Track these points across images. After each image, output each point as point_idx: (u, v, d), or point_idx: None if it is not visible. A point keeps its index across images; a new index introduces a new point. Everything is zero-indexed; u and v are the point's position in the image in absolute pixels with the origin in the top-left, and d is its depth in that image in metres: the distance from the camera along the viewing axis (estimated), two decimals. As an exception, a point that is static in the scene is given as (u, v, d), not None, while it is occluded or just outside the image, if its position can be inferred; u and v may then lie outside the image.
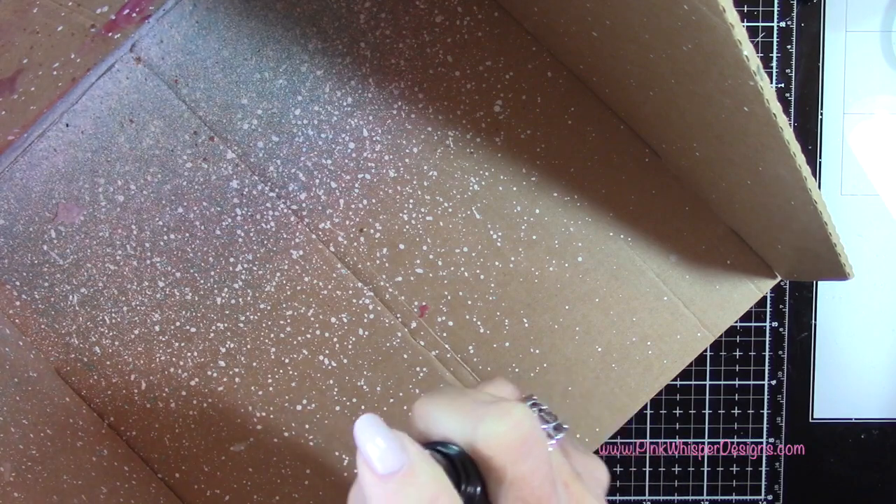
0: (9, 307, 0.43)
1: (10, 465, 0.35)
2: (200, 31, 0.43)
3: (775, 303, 0.54)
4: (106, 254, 0.43)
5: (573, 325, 0.44)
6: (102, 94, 0.43)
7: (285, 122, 0.43)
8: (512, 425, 0.22)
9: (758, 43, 0.53)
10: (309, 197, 0.44)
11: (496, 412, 0.22)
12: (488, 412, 0.22)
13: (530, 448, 0.22)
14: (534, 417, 0.22)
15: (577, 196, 0.44)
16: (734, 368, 0.54)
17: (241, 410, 0.44)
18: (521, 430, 0.22)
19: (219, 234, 0.44)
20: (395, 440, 0.21)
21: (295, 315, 0.44)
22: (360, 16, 0.43)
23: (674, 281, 0.44)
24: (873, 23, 0.53)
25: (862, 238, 0.54)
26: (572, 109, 0.44)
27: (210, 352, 0.44)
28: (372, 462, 0.20)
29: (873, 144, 0.54)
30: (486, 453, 0.22)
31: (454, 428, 0.23)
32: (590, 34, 0.35)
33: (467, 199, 0.44)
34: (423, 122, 0.44)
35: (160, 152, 0.43)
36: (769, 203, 0.35)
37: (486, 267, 0.44)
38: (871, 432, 0.55)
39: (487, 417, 0.22)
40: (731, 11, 0.23)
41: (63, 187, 0.43)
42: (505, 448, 0.21)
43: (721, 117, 0.31)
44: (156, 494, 0.43)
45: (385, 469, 0.20)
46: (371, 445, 0.21)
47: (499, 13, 0.43)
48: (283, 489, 0.44)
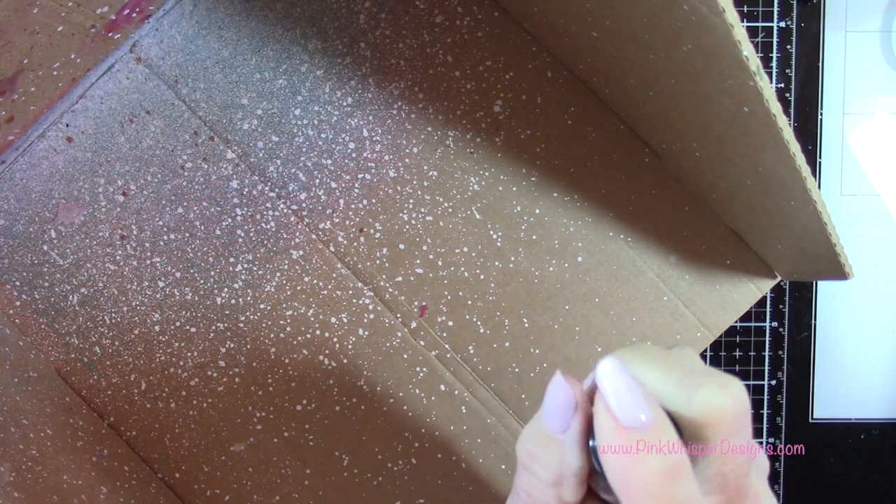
0: (9, 307, 0.43)
1: (10, 465, 0.35)
2: (200, 31, 0.43)
3: (775, 303, 0.54)
4: (106, 254, 0.43)
5: (573, 325, 0.44)
6: (102, 94, 0.43)
7: (285, 122, 0.43)
8: (733, 398, 0.20)
9: (758, 43, 0.53)
10: (309, 197, 0.44)
11: (717, 382, 0.21)
12: (707, 381, 0.21)
13: (743, 424, 0.21)
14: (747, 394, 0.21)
15: (577, 196, 0.44)
16: (734, 368, 0.54)
17: (241, 410, 0.44)
18: (739, 404, 0.21)
19: (219, 234, 0.44)
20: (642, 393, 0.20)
21: (295, 315, 0.44)
22: (360, 16, 0.43)
23: (674, 281, 0.44)
24: (873, 23, 0.53)
25: (862, 238, 0.54)
26: (572, 109, 0.44)
27: (210, 352, 0.44)
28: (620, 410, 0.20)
29: (873, 144, 0.54)
30: (702, 422, 0.20)
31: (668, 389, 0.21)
32: (590, 34, 0.35)
33: (467, 199, 0.44)
34: (423, 122, 0.44)
35: (160, 152, 0.43)
36: (769, 203, 0.35)
37: (486, 267, 0.44)
38: (871, 432, 0.55)
39: (707, 386, 0.21)
40: (731, 11, 0.23)
41: (63, 187, 0.43)
42: (722, 420, 0.20)
43: (721, 117, 0.31)
44: (156, 494, 0.43)
45: (629, 421, 0.20)
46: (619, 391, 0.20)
47: (499, 13, 0.43)
48: (283, 489, 0.44)
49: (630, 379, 0.20)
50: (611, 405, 0.20)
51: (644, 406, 0.20)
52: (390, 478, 0.44)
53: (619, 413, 0.20)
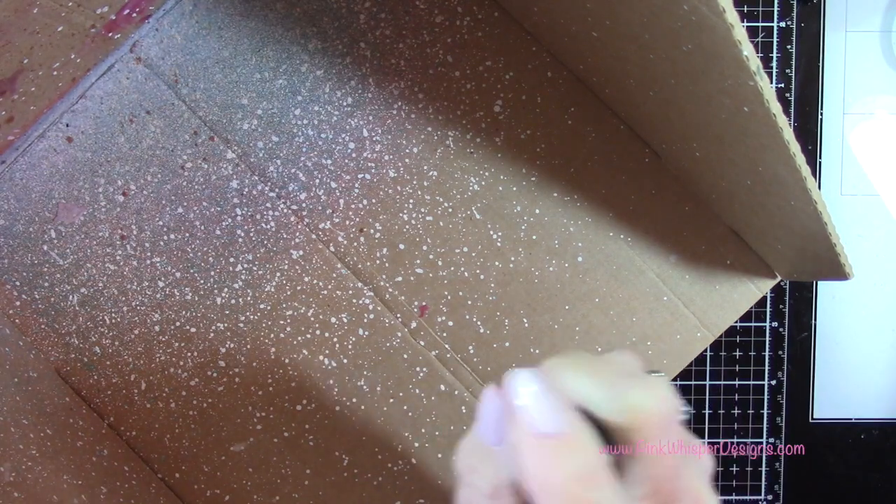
0: (9, 307, 0.43)
1: (10, 465, 0.35)
2: (200, 31, 0.43)
3: (775, 303, 0.54)
4: (106, 254, 0.43)
5: (573, 325, 0.44)
6: (102, 94, 0.43)
7: (285, 122, 0.43)
8: (659, 400, 0.21)
9: (758, 43, 0.53)
10: (309, 197, 0.44)
11: (644, 385, 0.21)
12: (635, 384, 0.21)
13: (671, 425, 0.21)
14: (676, 395, 0.22)
15: (577, 196, 0.44)
16: (734, 368, 0.54)
17: (241, 410, 0.44)
18: (665, 406, 0.21)
19: (219, 234, 0.44)
20: (557, 400, 0.20)
21: (295, 315, 0.44)
22: (360, 16, 0.43)
23: (674, 281, 0.44)
24: (873, 23, 0.53)
25: (862, 238, 0.54)
26: (572, 109, 0.44)
27: (210, 352, 0.44)
28: (532, 419, 0.20)
29: (873, 144, 0.54)
30: (630, 425, 0.21)
31: (595, 395, 0.21)
32: (590, 34, 0.35)
33: (467, 199, 0.44)
34: (423, 122, 0.44)
35: (160, 152, 0.43)
36: (769, 203, 0.35)
37: (486, 267, 0.44)
38: (871, 432, 0.55)
39: (634, 389, 0.21)
40: (731, 11, 0.23)
41: (63, 187, 0.43)
42: (648, 422, 0.21)
43: (721, 117, 0.31)
44: (156, 494, 0.43)
45: (545, 428, 0.20)
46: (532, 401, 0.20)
47: (499, 13, 0.43)
48: (283, 489, 0.44)
49: (543, 387, 0.20)
50: (524, 413, 0.20)
51: (557, 413, 0.20)
52: (390, 478, 0.44)
53: (532, 421, 0.20)
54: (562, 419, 0.20)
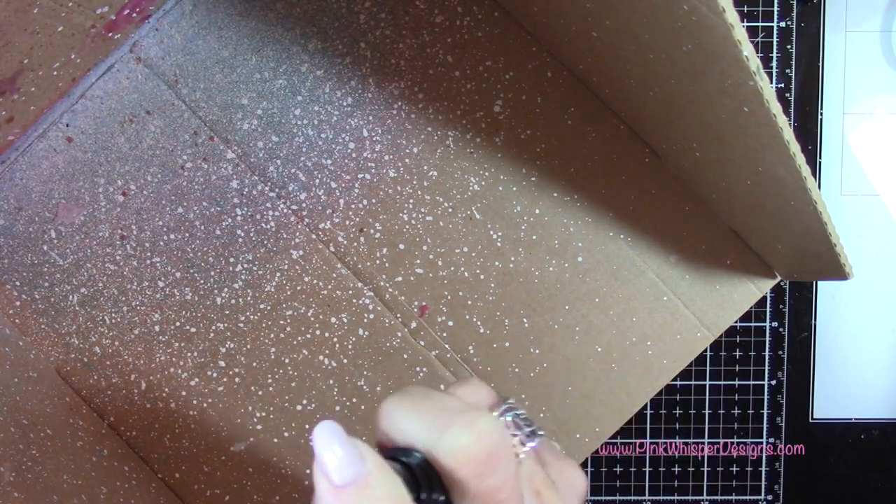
0: (9, 307, 0.43)
1: (10, 465, 0.35)
2: (200, 31, 0.43)
3: (775, 303, 0.54)
4: (106, 254, 0.43)
5: (573, 325, 0.44)
6: (102, 94, 0.43)
7: (285, 122, 0.43)
8: (476, 438, 0.20)
9: (758, 43, 0.53)
10: (309, 197, 0.44)
11: (461, 422, 0.21)
12: (453, 422, 0.21)
13: (496, 462, 0.21)
14: (501, 429, 0.21)
15: (577, 196, 0.44)
16: (734, 368, 0.54)
17: (241, 410, 0.44)
18: (486, 443, 0.20)
19: (219, 234, 0.44)
20: (352, 449, 0.20)
21: (295, 315, 0.44)
22: (360, 16, 0.43)
23: (674, 281, 0.44)
24: (873, 23, 0.53)
25: (862, 238, 0.54)
26: (572, 109, 0.44)
27: (210, 352, 0.44)
28: (328, 471, 0.20)
29: (873, 144, 0.54)
30: (449, 466, 0.21)
31: (417, 435, 0.21)
32: (590, 34, 0.35)
33: (467, 199, 0.44)
34: (423, 122, 0.44)
35: (160, 152, 0.43)
36: (769, 203, 0.35)
37: (486, 267, 0.44)
38: (871, 432, 0.55)
39: (452, 428, 0.21)
40: (731, 11, 0.23)
41: (63, 187, 0.43)
42: (468, 462, 0.20)
43: (721, 117, 0.31)
44: (156, 494, 0.43)
45: (341, 479, 0.19)
46: (328, 454, 0.20)
47: (499, 13, 0.43)
48: (283, 489, 0.44)
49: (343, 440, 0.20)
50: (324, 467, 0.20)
51: (357, 462, 0.20)
52: (390, 478, 0.44)
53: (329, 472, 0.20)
54: (359, 465, 0.20)
